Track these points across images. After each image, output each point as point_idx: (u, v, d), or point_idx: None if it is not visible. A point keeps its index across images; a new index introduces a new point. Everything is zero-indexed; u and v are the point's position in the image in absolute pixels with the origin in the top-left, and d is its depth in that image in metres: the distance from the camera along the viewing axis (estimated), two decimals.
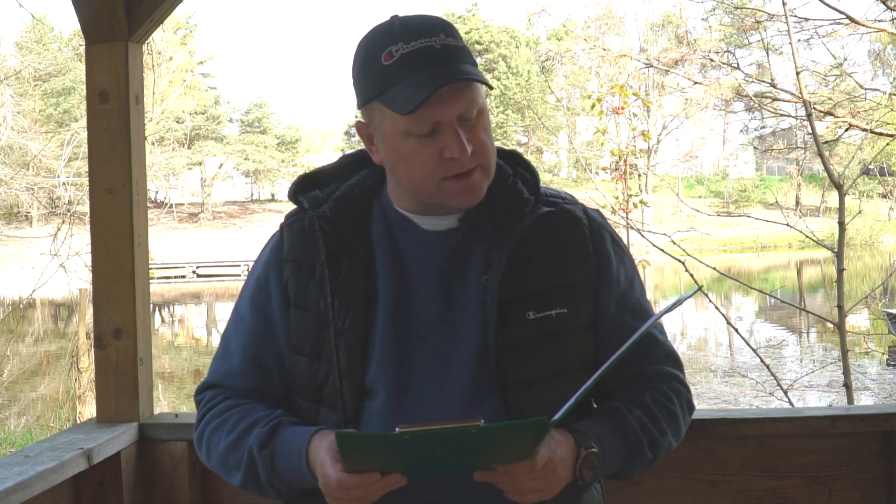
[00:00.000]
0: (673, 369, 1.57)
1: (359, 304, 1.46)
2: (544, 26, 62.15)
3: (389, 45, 1.38)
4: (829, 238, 9.70)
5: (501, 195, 1.50)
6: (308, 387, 1.49)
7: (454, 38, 1.41)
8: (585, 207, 1.58)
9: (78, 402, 9.47)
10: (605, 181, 9.69)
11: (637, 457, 1.48)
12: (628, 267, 1.59)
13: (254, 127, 55.37)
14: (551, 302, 1.46)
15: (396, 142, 1.41)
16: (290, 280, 1.52)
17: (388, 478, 1.29)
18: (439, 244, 1.50)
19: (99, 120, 2.35)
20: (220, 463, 1.51)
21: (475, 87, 1.41)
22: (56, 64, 36.30)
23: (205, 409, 1.56)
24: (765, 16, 9.45)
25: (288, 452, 1.42)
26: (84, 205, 10.77)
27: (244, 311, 1.58)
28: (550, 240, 1.50)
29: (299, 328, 1.50)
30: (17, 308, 13.96)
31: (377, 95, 1.40)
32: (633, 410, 1.48)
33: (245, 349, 1.55)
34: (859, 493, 2.21)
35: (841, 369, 5.24)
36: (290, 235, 1.54)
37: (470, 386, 1.43)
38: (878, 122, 8.46)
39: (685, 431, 1.58)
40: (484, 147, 1.42)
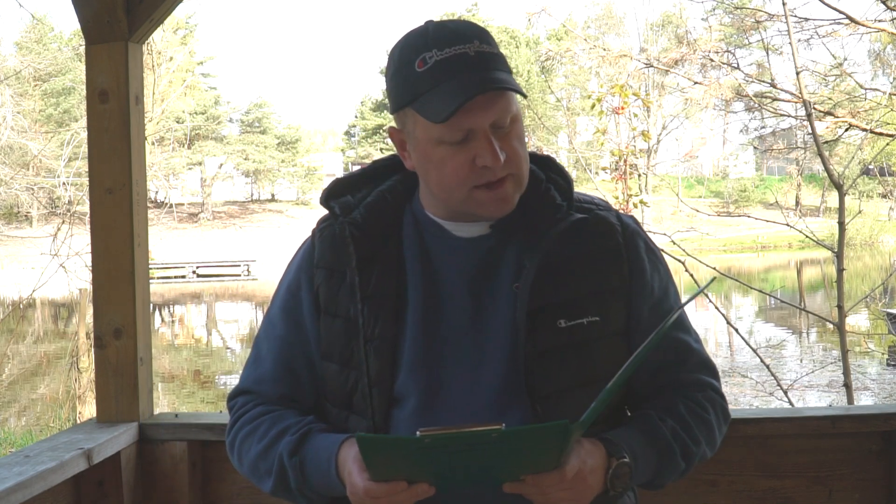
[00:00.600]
0: (708, 378, 1.55)
1: (389, 312, 1.45)
2: (544, 26, 62.15)
3: (423, 52, 1.37)
4: (829, 238, 9.69)
5: (534, 201, 1.49)
6: (338, 394, 1.49)
7: (489, 44, 1.39)
8: (619, 214, 1.56)
9: (78, 402, 9.48)
10: (605, 181, 9.69)
11: (669, 466, 1.45)
12: (662, 275, 1.56)
13: (254, 127, 55.37)
14: (583, 310, 1.45)
15: (429, 149, 1.40)
16: (322, 286, 1.51)
17: (415, 487, 1.28)
18: (470, 251, 1.48)
19: (99, 120, 2.35)
20: (251, 470, 1.51)
21: (509, 95, 1.39)
22: (56, 64, 36.30)
23: (236, 416, 1.56)
24: (765, 16, 9.46)
25: (318, 460, 1.41)
26: (84, 205, 10.77)
27: (275, 317, 1.57)
28: (583, 246, 1.48)
29: (329, 335, 1.49)
30: (17, 308, 13.96)
31: (410, 102, 1.39)
32: (665, 420, 1.46)
33: (276, 356, 1.55)
34: (859, 493, 2.21)
35: (841, 369, 5.23)
36: (321, 241, 1.54)
37: (499, 393, 1.42)
38: (878, 122, 8.46)
39: (720, 441, 1.55)
40: (517, 156, 1.40)
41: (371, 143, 55.35)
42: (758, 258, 40.77)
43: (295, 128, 57.42)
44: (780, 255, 41.35)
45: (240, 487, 2.33)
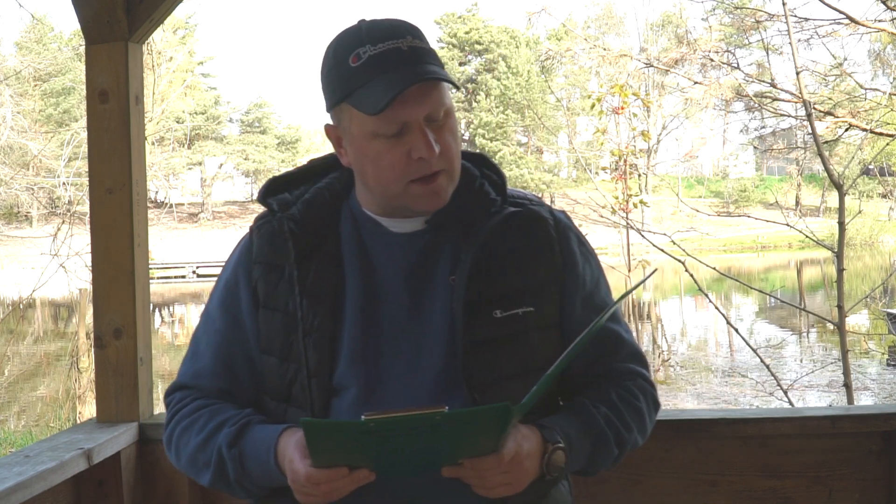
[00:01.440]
0: (638, 367, 1.59)
1: (327, 305, 1.48)
2: (544, 26, 62.20)
3: (357, 48, 1.40)
4: (829, 238, 9.69)
5: (468, 197, 1.51)
6: (277, 387, 1.50)
7: (421, 40, 1.42)
8: (552, 209, 1.60)
9: (78, 402, 9.47)
10: (605, 181, 9.70)
11: (603, 453, 1.49)
12: (594, 267, 1.60)
13: (254, 127, 55.38)
14: (518, 301, 1.48)
15: (364, 143, 1.43)
16: (260, 281, 1.53)
17: (356, 473, 1.30)
18: (406, 245, 1.51)
19: (99, 120, 2.35)
20: (189, 463, 1.52)
21: (442, 88, 1.42)
22: (56, 64, 36.33)
23: (174, 410, 1.56)
24: (765, 16, 9.46)
25: (256, 451, 1.43)
26: (84, 205, 10.78)
27: (214, 312, 1.59)
28: (517, 240, 1.52)
29: (268, 329, 1.51)
30: (17, 308, 13.96)
31: (345, 97, 1.42)
32: (599, 407, 1.50)
33: (214, 351, 1.56)
34: (859, 493, 2.21)
35: (841, 369, 5.24)
36: (259, 238, 1.56)
37: (438, 384, 1.45)
38: (878, 122, 8.46)
39: (651, 428, 1.60)
40: (449, 150, 1.43)
41: None
42: (758, 258, 40.77)
43: (295, 128, 57.44)
44: (780, 255, 41.35)
45: None
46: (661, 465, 2.21)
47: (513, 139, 51.69)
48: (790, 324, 19.13)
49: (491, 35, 55.14)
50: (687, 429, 2.20)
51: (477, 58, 56.94)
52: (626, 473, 2.21)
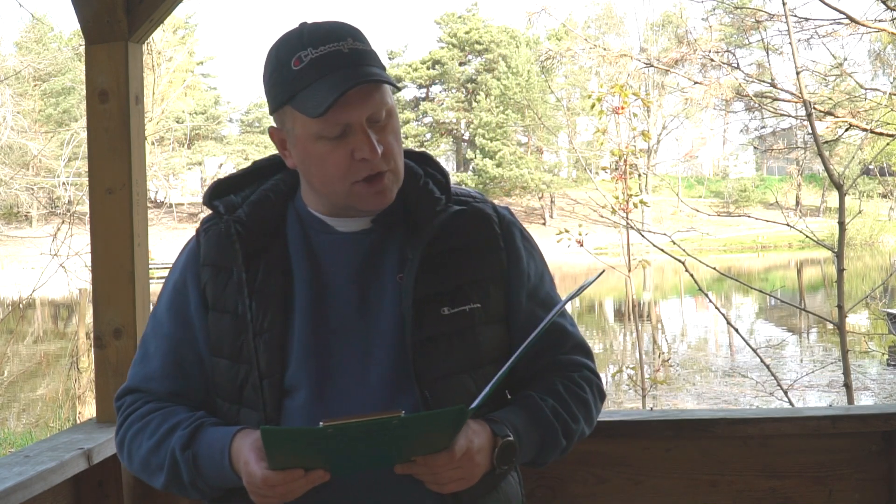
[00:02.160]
0: (583, 358, 1.62)
1: (276, 306, 1.49)
2: (544, 26, 62.20)
3: (299, 51, 1.42)
4: (829, 238, 9.70)
5: (413, 195, 1.54)
6: (228, 388, 1.51)
7: (362, 42, 1.44)
8: (495, 205, 1.63)
9: (78, 402, 9.47)
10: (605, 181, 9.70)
11: (551, 444, 1.52)
12: (538, 262, 1.64)
13: (254, 127, 55.37)
14: (465, 297, 1.51)
15: (308, 145, 1.44)
16: (208, 284, 1.54)
17: (311, 474, 1.32)
18: (353, 245, 1.53)
19: (99, 120, 2.35)
20: (142, 466, 1.52)
21: (383, 90, 1.44)
22: (56, 64, 36.31)
23: (125, 414, 1.57)
24: (765, 16, 9.46)
25: (210, 453, 1.44)
26: (84, 205, 10.78)
27: (162, 315, 1.59)
28: (462, 237, 1.54)
29: (218, 331, 1.52)
30: (17, 308, 13.96)
31: (288, 100, 1.43)
32: (546, 399, 1.53)
33: (164, 353, 1.56)
34: (859, 493, 2.21)
35: (841, 369, 5.24)
36: (206, 240, 1.57)
37: (388, 381, 1.47)
38: (878, 122, 8.46)
39: (597, 417, 1.63)
40: (392, 150, 1.45)
41: None
42: (758, 258, 40.77)
43: None
44: (781, 255, 41.35)
45: None
46: (661, 465, 2.21)
47: (513, 139, 51.66)
48: (790, 324, 19.13)
49: (491, 35, 55.12)
50: (687, 429, 2.20)
51: (477, 58, 56.93)
52: (626, 473, 2.21)
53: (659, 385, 9.09)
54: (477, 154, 50.68)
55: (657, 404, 10.18)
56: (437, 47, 57.43)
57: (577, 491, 2.20)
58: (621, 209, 7.01)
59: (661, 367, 9.52)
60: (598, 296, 28.42)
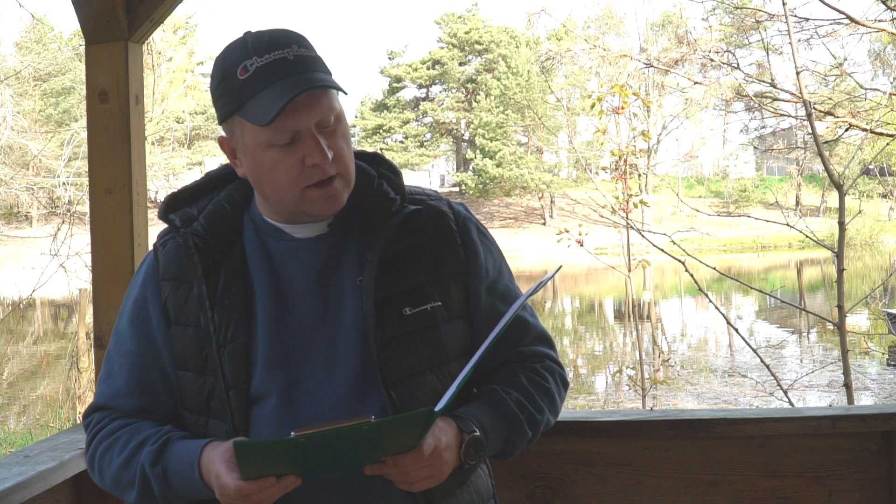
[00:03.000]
0: (545, 349, 1.64)
1: (239, 316, 1.49)
2: (544, 26, 62.20)
3: (244, 60, 1.42)
4: (829, 238, 9.70)
5: (368, 197, 1.54)
6: (195, 401, 1.52)
7: (307, 48, 1.45)
8: (450, 202, 1.64)
9: (78, 402, 9.47)
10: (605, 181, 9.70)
11: (518, 436, 1.54)
12: (495, 256, 1.65)
13: None
14: (426, 296, 1.52)
15: (259, 153, 1.44)
16: (169, 298, 1.54)
17: (283, 480, 1.33)
18: (312, 250, 1.53)
19: (99, 120, 2.35)
20: (113, 483, 1.53)
21: (331, 94, 1.44)
22: (56, 64, 36.30)
23: (94, 432, 1.57)
24: (765, 16, 9.46)
25: (180, 467, 1.44)
26: (84, 205, 10.78)
27: (124, 332, 1.59)
28: (419, 236, 1.55)
29: (182, 345, 1.52)
30: (17, 308, 13.95)
31: (236, 110, 1.44)
32: (509, 392, 1.55)
33: (129, 370, 1.56)
34: (859, 493, 2.21)
35: (841, 369, 5.24)
36: (164, 255, 1.57)
37: (355, 383, 1.48)
38: (878, 122, 8.46)
39: (561, 406, 1.65)
40: (342, 154, 1.46)
41: (371, 142, 55.37)
42: (758, 258, 40.76)
43: None
44: (781, 255, 41.34)
45: None
46: (661, 465, 2.21)
47: (513, 139, 51.64)
48: (790, 324, 19.13)
49: (491, 35, 55.12)
50: (687, 429, 2.20)
51: (477, 58, 56.92)
52: (626, 473, 2.21)
53: (659, 385, 9.08)
54: (477, 154, 50.65)
55: (657, 404, 10.17)
56: (437, 47, 57.42)
57: (577, 491, 2.20)
58: (621, 209, 7.01)
59: (661, 367, 9.52)
60: (598, 296, 28.43)
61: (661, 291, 27.44)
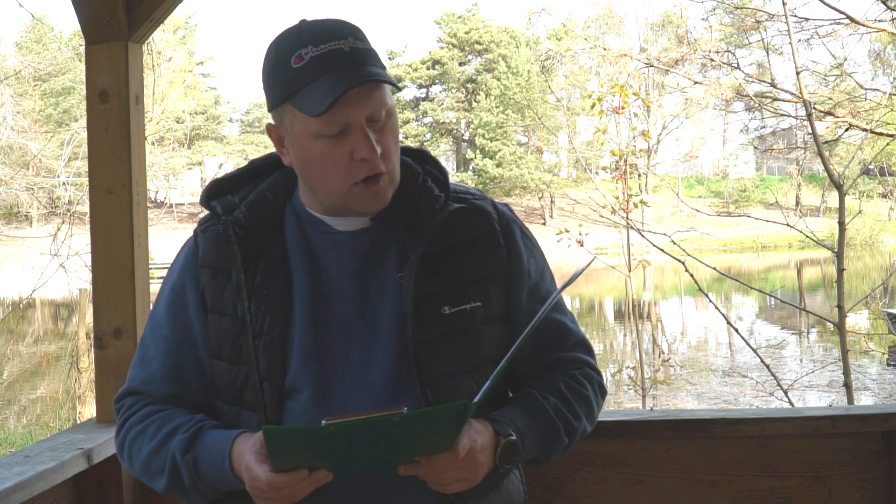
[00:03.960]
0: (584, 355, 1.62)
1: (276, 308, 1.48)
2: (544, 26, 62.17)
3: (299, 49, 1.41)
4: (829, 238, 9.70)
5: (412, 193, 1.53)
6: (228, 390, 1.50)
7: (362, 41, 1.43)
8: (495, 202, 1.62)
9: (78, 402, 9.47)
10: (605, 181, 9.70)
11: (554, 442, 1.52)
12: (538, 259, 1.63)
13: (254, 127, 55.35)
14: (466, 296, 1.50)
15: (307, 143, 1.43)
16: (207, 286, 1.53)
17: (315, 474, 1.31)
18: (353, 244, 1.52)
19: (99, 120, 2.35)
20: (142, 469, 1.52)
21: (383, 89, 1.43)
22: (56, 64, 36.28)
23: (125, 416, 1.56)
24: (765, 16, 9.46)
25: (211, 457, 1.43)
26: (84, 205, 10.77)
27: (161, 317, 1.58)
28: (462, 235, 1.53)
29: (217, 333, 1.51)
30: (17, 308, 13.95)
31: (287, 98, 1.42)
32: (548, 397, 1.52)
33: (163, 356, 1.55)
34: (859, 493, 2.21)
35: (841, 369, 5.24)
36: (204, 241, 1.56)
37: (390, 381, 1.46)
38: (878, 122, 8.46)
39: (598, 414, 1.63)
40: (390, 152, 1.44)
41: None
42: (758, 258, 40.75)
43: None
44: (781, 255, 41.34)
45: None
46: (661, 465, 2.21)
47: (513, 139, 51.64)
48: (790, 324, 19.12)
49: (491, 35, 55.10)
50: (687, 429, 2.20)
51: (477, 58, 56.91)
52: (626, 473, 2.21)
53: (659, 385, 9.09)
54: (477, 154, 50.66)
55: (657, 404, 10.17)
56: (437, 47, 57.40)
57: (577, 491, 2.20)
58: (621, 209, 7.01)
59: (661, 367, 9.52)
60: (598, 296, 28.41)
61: (661, 291, 27.43)
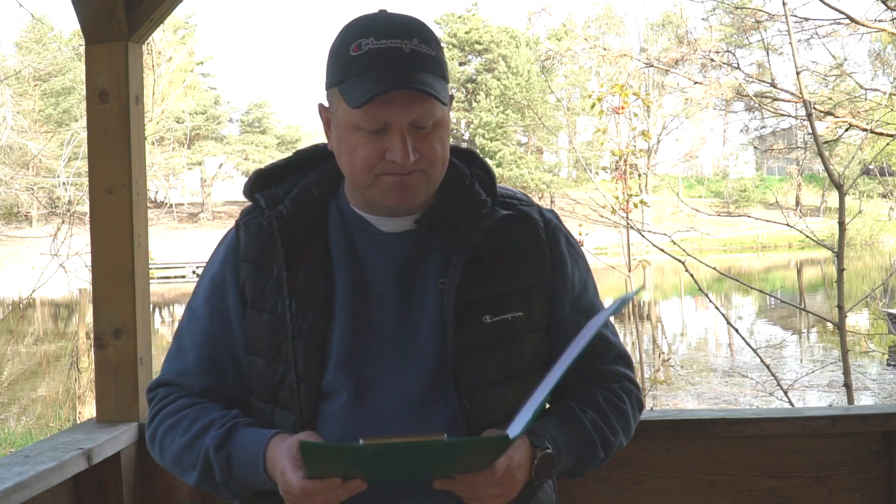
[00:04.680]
0: (624, 369, 1.60)
1: (317, 307, 1.46)
2: (544, 26, 62.15)
3: (361, 38, 1.39)
4: (829, 238, 9.68)
5: (458, 196, 1.50)
6: (264, 388, 1.49)
7: (428, 46, 1.40)
8: (541, 209, 1.59)
9: (78, 402, 9.47)
10: (605, 181, 9.69)
11: (590, 456, 1.50)
12: (582, 269, 1.60)
13: (254, 127, 55.34)
14: (508, 305, 1.47)
15: (346, 132, 1.42)
16: (248, 280, 1.51)
17: (349, 483, 1.30)
18: (396, 246, 1.50)
19: (99, 120, 2.34)
20: (174, 462, 1.51)
21: (434, 100, 1.39)
22: (56, 64, 36.27)
23: (158, 407, 1.54)
24: (765, 16, 9.46)
25: (245, 455, 1.42)
26: (84, 205, 10.76)
27: (199, 310, 1.56)
28: (507, 242, 1.51)
29: (256, 330, 1.49)
30: (17, 308, 13.94)
31: (337, 83, 1.42)
32: (585, 410, 1.51)
33: (200, 349, 1.54)
34: (859, 493, 2.21)
35: (841, 369, 5.24)
36: (246, 234, 1.53)
37: (427, 388, 1.44)
38: (878, 122, 8.45)
39: (635, 429, 1.61)
40: (432, 153, 1.41)
41: None
42: (758, 258, 40.75)
43: (295, 128, 57.39)
44: (781, 255, 41.33)
45: None
46: (661, 465, 2.21)
47: (513, 139, 51.63)
48: (790, 324, 19.11)
49: (491, 35, 55.08)
50: (687, 429, 2.20)
51: (477, 58, 56.88)
52: (626, 473, 2.21)
53: (659, 385, 9.09)
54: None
55: (657, 404, 10.17)
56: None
57: (577, 491, 2.20)
58: (621, 209, 7.01)
59: (661, 367, 9.52)
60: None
61: (661, 291, 27.42)
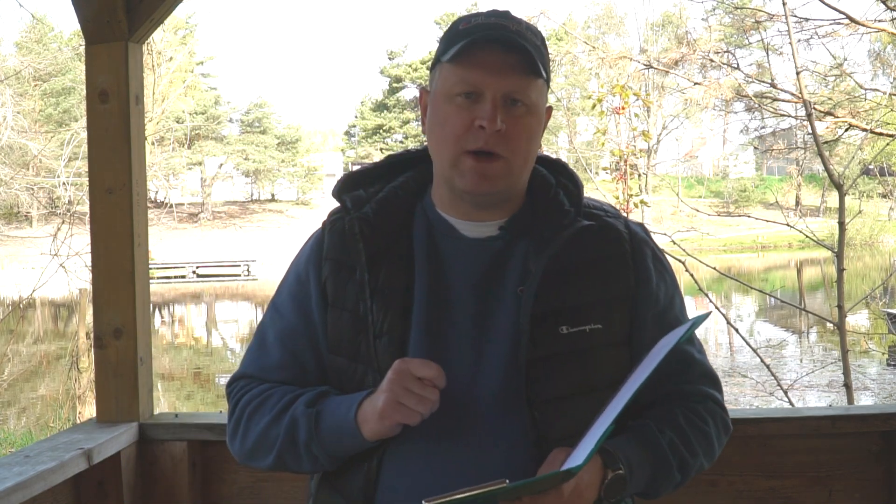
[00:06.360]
0: (710, 389, 1.55)
1: (397, 308, 1.45)
2: (544, 27, 62.07)
3: (473, 18, 1.45)
4: (829, 238, 9.69)
5: (543, 205, 1.50)
6: (345, 387, 1.48)
7: (535, 36, 1.44)
8: (628, 221, 1.56)
9: (78, 402, 9.47)
10: (605, 181, 9.68)
11: (665, 478, 1.46)
12: (669, 284, 1.56)
13: (254, 127, 55.32)
14: (586, 317, 1.44)
15: (441, 103, 1.44)
16: (329, 279, 1.51)
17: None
18: (478, 252, 1.49)
19: (99, 120, 2.35)
20: (256, 442, 1.49)
21: (534, 82, 1.42)
22: (56, 64, 36.24)
23: (241, 394, 1.54)
24: (765, 16, 9.45)
25: (338, 410, 1.41)
26: (84, 205, 10.76)
27: (283, 306, 1.57)
28: (589, 253, 1.48)
29: (337, 329, 1.49)
30: (17, 308, 13.94)
31: (441, 54, 1.45)
32: (664, 431, 1.46)
33: (282, 344, 1.54)
34: (859, 493, 2.21)
35: (841, 369, 5.24)
36: (331, 234, 1.54)
37: (498, 398, 1.42)
38: (878, 122, 8.45)
39: (719, 452, 1.55)
40: (518, 138, 1.41)
41: (371, 143, 55.32)
42: (758, 258, 40.74)
43: (295, 128, 57.37)
44: (781, 255, 41.32)
45: (240, 487, 2.33)
46: None
47: None
48: (790, 324, 19.11)
49: None
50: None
51: None
52: None
53: None
54: None
55: None
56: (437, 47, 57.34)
57: None
58: (621, 209, 7.01)
59: None
60: None
61: None
